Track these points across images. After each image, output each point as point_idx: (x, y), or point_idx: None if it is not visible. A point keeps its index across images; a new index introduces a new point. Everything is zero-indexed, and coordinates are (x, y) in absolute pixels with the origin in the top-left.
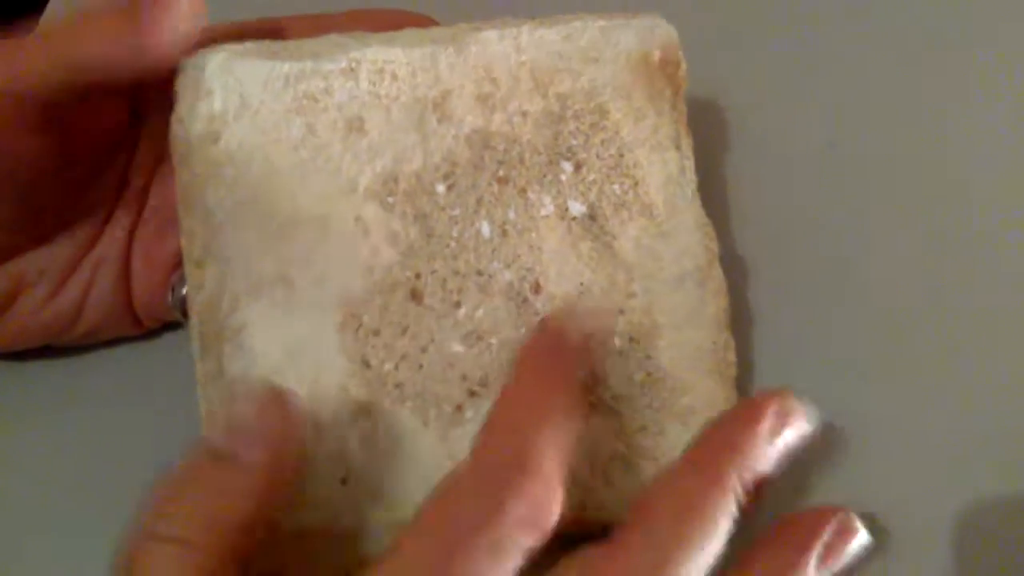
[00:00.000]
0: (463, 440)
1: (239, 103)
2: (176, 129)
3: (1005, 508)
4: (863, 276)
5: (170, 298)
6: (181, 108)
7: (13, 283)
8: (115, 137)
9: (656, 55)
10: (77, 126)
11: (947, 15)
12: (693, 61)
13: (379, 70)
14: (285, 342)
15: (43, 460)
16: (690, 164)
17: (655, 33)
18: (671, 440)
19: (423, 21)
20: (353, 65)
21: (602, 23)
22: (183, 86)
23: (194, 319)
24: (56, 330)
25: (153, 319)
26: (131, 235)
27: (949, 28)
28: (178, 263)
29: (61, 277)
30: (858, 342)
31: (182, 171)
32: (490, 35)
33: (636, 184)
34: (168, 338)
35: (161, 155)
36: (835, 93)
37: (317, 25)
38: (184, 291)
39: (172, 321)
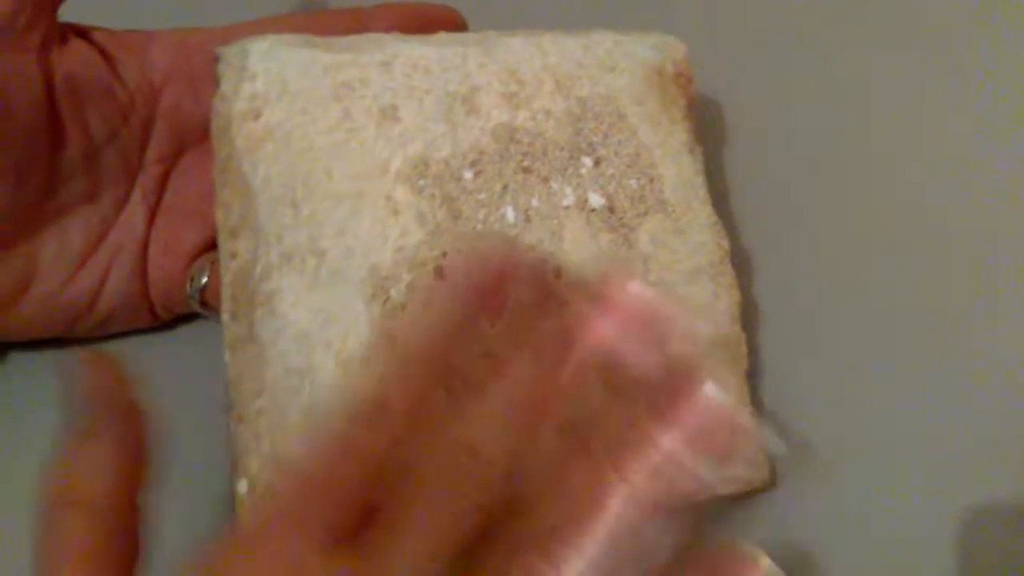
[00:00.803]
0: None
1: (280, 86)
2: (219, 106)
3: (1008, 509)
4: (866, 275)
5: (189, 288)
6: (225, 87)
7: (28, 267)
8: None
9: (669, 68)
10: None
11: (947, 18)
12: (701, 70)
13: (413, 65)
14: (314, 310)
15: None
16: (701, 169)
17: (668, 48)
18: None
19: (450, 14)
20: (389, 59)
21: (618, 37)
22: (228, 67)
23: (226, 285)
24: (71, 317)
25: (168, 311)
26: (149, 225)
27: (949, 31)
28: (197, 254)
29: (77, 263)
30: (861, 339)
31: (222, 146)
32: (516, 41)
33: (652, 181)
34: (183, 331)
35: (181, 147)
36: (837, 97)
37: (349, 18)
38: (204, 281)
39: (187, 313)
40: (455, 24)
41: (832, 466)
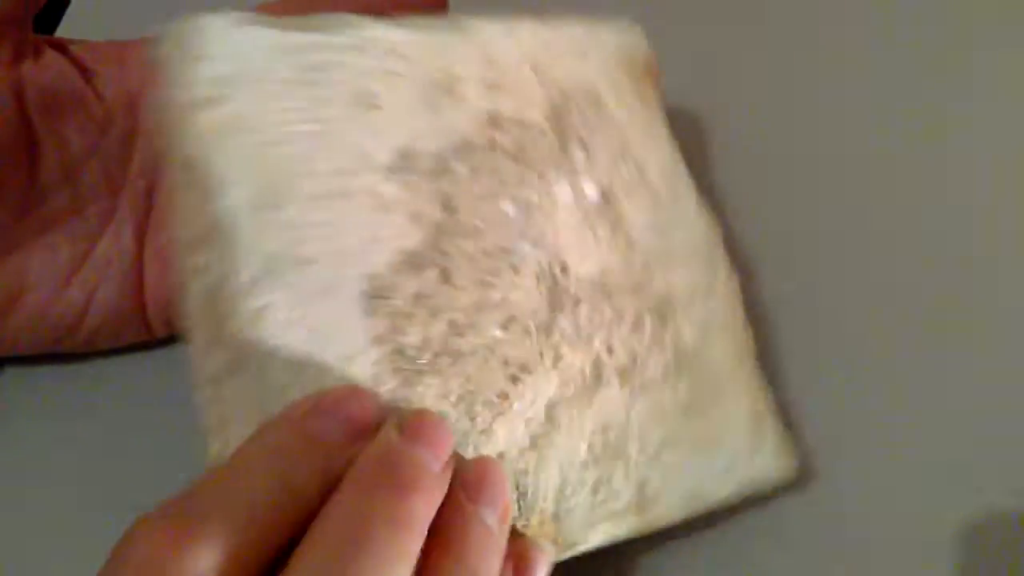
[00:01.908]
0: (508, 431)
1: (241, 70)
2: (167, 96)
3: (1012, 514)
4: (862, 277)
5: None
6: (176, 73)
7: (16, 280)
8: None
9: (639, 56)
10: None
11: (938, 19)
12: (682, 72)
13: (388, 49)
14: (310, 326)
15: (52, 466)
16: (680, 157)
17: (632, 35)
18: (714, 422)
19: None
20: (362, 43)
21: (587, 26)
22: (178, 49)
23: (195, 308)
24: (60, 331)
25: (166, 326)
26: (141, 238)
27: (940, 31)
28: None
29: (65, 276)
30: (861, 341)
31: (175, 142)
32: (492, 27)
33: (640, 169)
34: (181, 345)
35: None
36: (825, 99)
37: None
38: None
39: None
40: None
41: (831, 468)
